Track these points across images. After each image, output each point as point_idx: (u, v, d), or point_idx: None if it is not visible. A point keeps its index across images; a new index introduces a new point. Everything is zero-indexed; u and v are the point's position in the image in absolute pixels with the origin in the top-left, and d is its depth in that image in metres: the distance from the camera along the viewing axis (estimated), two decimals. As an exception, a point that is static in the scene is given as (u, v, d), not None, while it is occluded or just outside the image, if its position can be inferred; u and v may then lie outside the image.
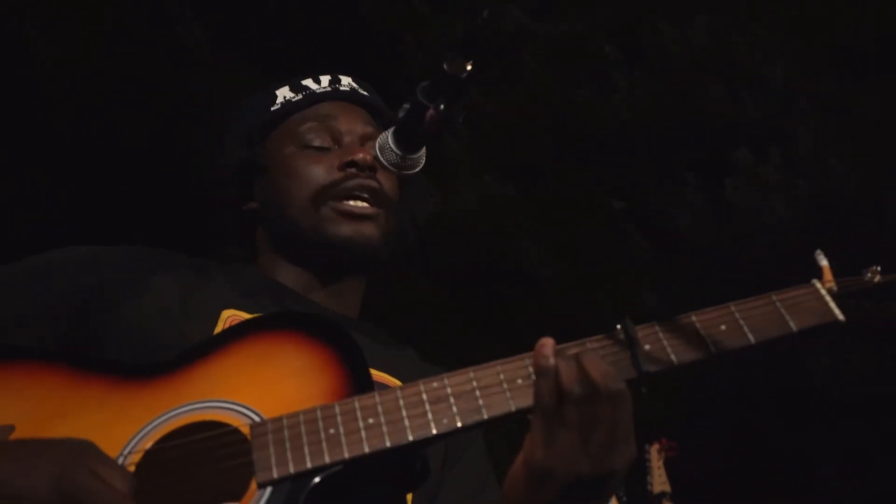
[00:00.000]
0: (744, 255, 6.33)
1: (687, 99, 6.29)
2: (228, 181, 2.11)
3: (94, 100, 5.77)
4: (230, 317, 1.83)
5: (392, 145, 1.78)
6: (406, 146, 1.77)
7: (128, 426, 1.52)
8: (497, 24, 1.59)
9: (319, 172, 2.01)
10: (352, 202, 1.98)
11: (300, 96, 2.10)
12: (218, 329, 1.80)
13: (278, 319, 1.70)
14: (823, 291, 1.50)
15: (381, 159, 1.79)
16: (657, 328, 1.50)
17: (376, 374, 1.87)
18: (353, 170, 1.98)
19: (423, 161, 1.83)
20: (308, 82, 2.14)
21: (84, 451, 1.39)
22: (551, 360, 1.43)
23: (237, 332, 1.67)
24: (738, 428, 6.03)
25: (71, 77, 5.73)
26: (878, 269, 1.52)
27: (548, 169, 6.68)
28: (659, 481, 4.56)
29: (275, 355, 1.60)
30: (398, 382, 1.91)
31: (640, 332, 1.49)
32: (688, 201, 6.32)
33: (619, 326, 1.51)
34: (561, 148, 6.67)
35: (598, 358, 1.44)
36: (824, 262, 1.55)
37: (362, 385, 1.55)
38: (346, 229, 1.96)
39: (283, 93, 2.12)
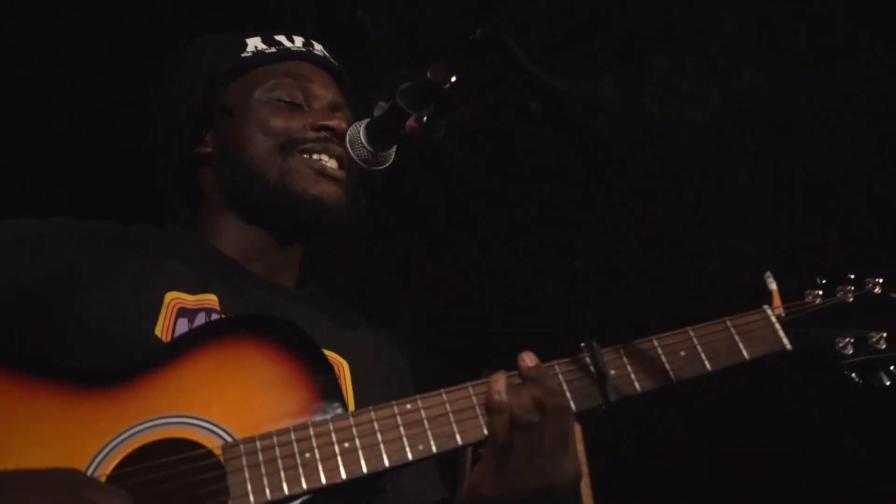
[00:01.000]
0: (659, 161, 6.43)
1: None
2: (182, 118, 2.02)
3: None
4: (174, 300, 1.80)
5: (364, 141, 1.77)
6: (378, 144, 1.76)
7: (90, 442, 1.47)
8: (488, 46, 1.57)
9: (291, 125, 1.96)
10: (325, 158, 1.94)
11: (273, 49, 2.04)
12: (162, 314, 1.77)
13: (240, 324, 1.68)
14: (773, 319, 1.58)
15: (351, 153, 1.77)
16: (622, 353, 1.55)
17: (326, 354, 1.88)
18: (326, 133, 1.94)
19: (392, 159, 1.82)
20: (281, 38, 2.08)
21: (78, 484, 1.35)
22: (504, 397, 1.48)
23: (198, 337, 1.65)
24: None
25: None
26: (819, 292, 1.60)
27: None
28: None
29: (240, 366, 1.58)
30: (340, 358, 1.92)
31: (606, 356, 1.55)
32: (604, 105, 6.34)
33: (583, 345, 1.56)
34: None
35: (544, 380, 1.50)
36: (773, 287, 1.62)
37: (331, 397, 1.56)
38: (315, 188, 1.93)
39: (255, 42, 2.05)
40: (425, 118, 1.66)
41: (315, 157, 1.94)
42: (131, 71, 5.79)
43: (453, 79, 1.64)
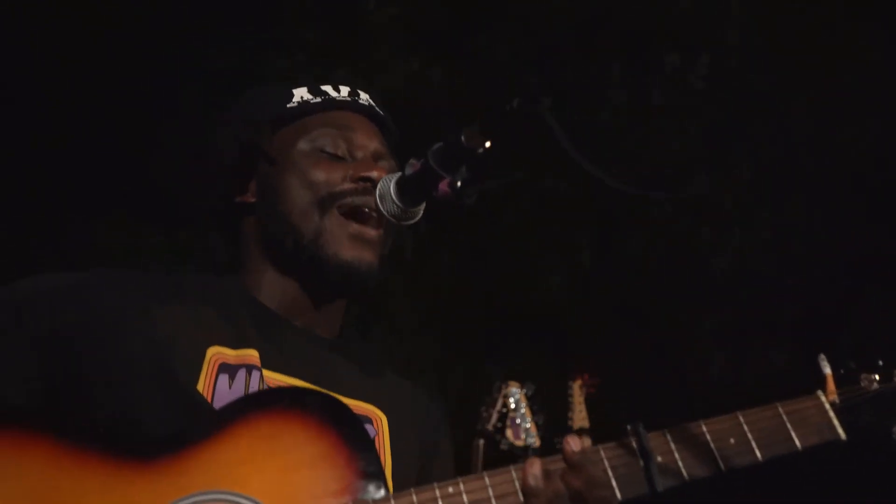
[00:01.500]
0: (659, 156, 6.38)
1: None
2: (227, 165, 1.97)
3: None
4: (215, 355, 1.75)
5: (394, 196, 1.73)
6: (408, 200, 1.72)
7: None
8: (524, 116, 1.50)
9: (331, 178, 1.91)
10: (362, 225, 1.89)
11: (319, 99, 1.98)
12: (204, 371, 1.72)
13: (283, 397, 1.63)
14: (827, 406, 1.52)
15: (381, 207, 1.73)
16: (668, 437, 1.50)
17: (357, 405, 1.84)
18: (367, 185, 1.88)
19: (421, 213, 1.77)
20: (327, 88, 2.02)
21: None
22: (539, 482, 1.49)
23: (240, 410, 1.60)
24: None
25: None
26: (876, 376, 1.55)
27: (477, 55, 6.50)
28: (579, 417, 4.62)
29: (280, 441, 1.55)
30: (379, 412, 1.89)
31: (652, 440, 1.50)
32: (611, 99, 6.28)
33: (628, 427, 1.51)
34: (490, 33, 6.49)
35: (587, 467, 1.47)
36: (827, 370, 1.56)
37: (372, 477, 1.52)
38: (348, 253, 1.87)
39: (301, 93, 1.99)
40: (458, 183, 1.60)
41: (353, 223, 1.88)
42: (131, 71, 5.72)
43: (487, 144, 1.58)
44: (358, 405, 1.84)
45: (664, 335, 6.22)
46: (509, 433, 4.49)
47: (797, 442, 1.50)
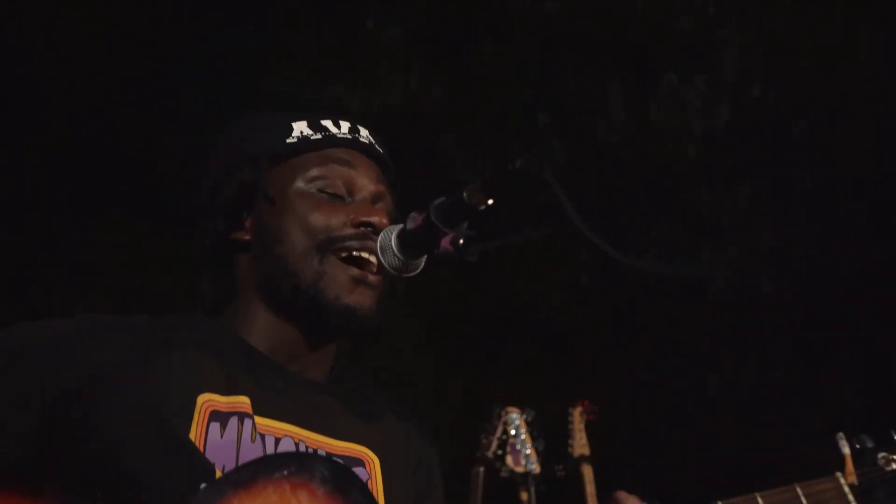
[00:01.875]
0: (661, 171, 6.36)
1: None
2: (222, 201, 1.92)
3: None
4: (206, 402, 1.70)
5: (395, 250, 1.70)
6: (409, 254, 1.70)
7: None
8: (526, 175, 1.49)
9: (331, 222, 1.85)
10: (363, 270, 1.85)
11: (319, 136, 1.91)
12: (195, 418, 1.67)
13: (288, 464, 1.59)
14: (847, 488, 1.49)
15: (382, 260, 1.70)
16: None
17: (349, 447, 1.81)
18: (367, 230, 1.84)
19: (422, 266, 1.74)
20: (328, 123, 1.94)
21: None
22: None
23: (243, 478, 1.56)
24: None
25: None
26: (893, 457, 1.52)
27: (477, 72, 6.48)
28: (580, 444, 4.56)
29: None
30: (372, 454, 1.85)
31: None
32: (612, 116, 6.25)
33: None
34: (491, 50, 6.47)
35: None
36: (846, 450, 1.53)
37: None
38: (349, 297, 1.82)
39: (301, 127, 1.92)
40: (461, 241, 1.58)
41: (355, 253, 1.84)
42: (130, 71, 5.68)
43: (490, 202, 1.56)
44: (349, 448, 1.81)
45: (663, 353, 6.20)
46: (509, 460, 4.46)
47: (815, 525, 1.46)
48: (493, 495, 4.31)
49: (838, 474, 1.51)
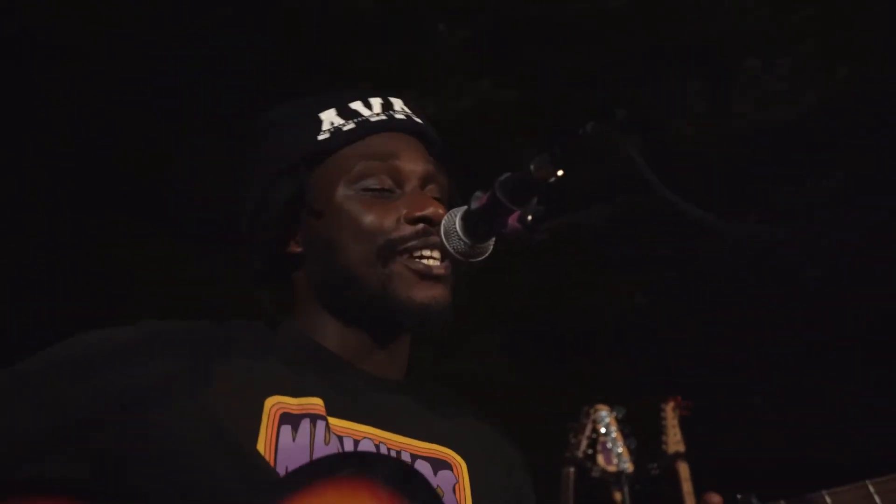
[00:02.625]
0: (742, 165, 6.12)
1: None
2: (269, 217, 1.81)
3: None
4: (275, 405, 1.59)
5: (461, 233, 1.55)
6: (476, 236, 1.55)
7: None
8: (597, 142, 1.34)
9: (385, 224, 1.71)
10: (426, 260, 1.71)
11: (352, 125, 1.76)
12: (264, 424, 1.56)
13: (347, 464, 1.47)
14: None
15: (448, 246, 1.55)
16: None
17: (433, 449, 1.68)
18: (423, 225, 1.71)
19: (490, 249, 1.60)
20: (358, 106, 1.79)
21: None
22: None
23: (302, 479, 1.44)
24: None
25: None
26: None
27: (548, 74, 6.35)
28: (673, 441, 4.36)
29: None
30: (458, 458, 1.72)
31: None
32: (691, 110, 6.04)
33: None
34: (560, 51, 6.33)
35: None
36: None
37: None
38: (421, 293, 1.68)
39: (330, 118, 1.78)
40: (529, 218, 1.44)
41: (416, 253, 1.71)
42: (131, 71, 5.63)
43: (559, 174, 1.41)
44: (434, 449, 1.68)
45: (753, 354, 5.94)
46: (601, 459, 4.30)
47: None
48: (584, 496, 4.16)
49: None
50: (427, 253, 1.66)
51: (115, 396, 1.54)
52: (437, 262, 1.69)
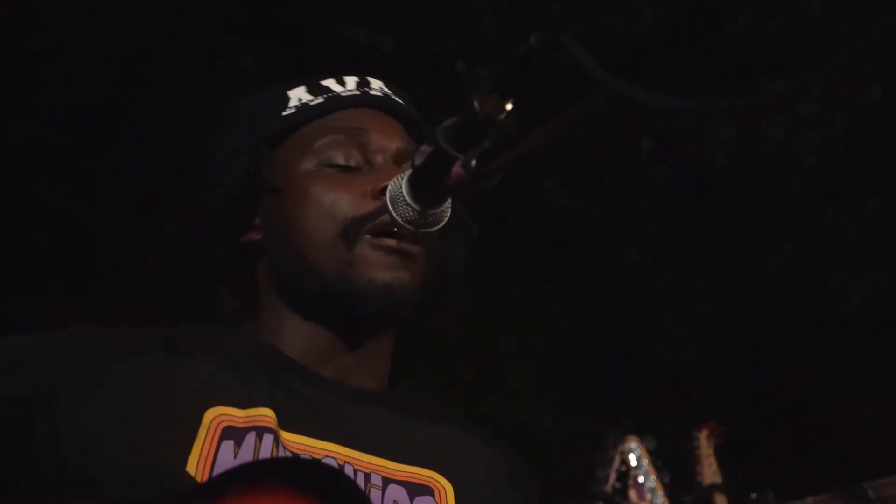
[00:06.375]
0: (776, 192, 5.83)
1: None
2: (224, 201, 1.58)
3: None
4: (217, 417, 1.35)
5: (407, 198, 1.31)
6: (426, 200, 1.31)
7: None
8: (549, 58, 1.10)
9: (348, 200, 1.46)
10: (399, 240, 1.47)
11: (321, 99, 1.56)
12: (200, 438, 1.32)
13: (268, 472, 1.22)
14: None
15: (394, 214, 1.32)
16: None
17: (412, 472, 1.44)
18: None
19: (448, 215, 1.36)
20: (330, 83, 1.59)
21: None
22: None
23: (214, 492, 1.20)
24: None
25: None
26: None
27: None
28: (709, 471, 3.99)
29: None
30: (442, 481, 1.46)
31: None
32: (721, 138, 5.79)
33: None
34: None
35: None
36: None
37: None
38: (383, 274, 1.42)
39: (299, 94, 1.57)
40: (473, 162, 1.20)
41: (382, 238, 1.46)
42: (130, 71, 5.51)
43: (508, 107, 1.16)
44: (413, 472, 1.44)
45: (796, 385, 5.57)
46: (632, 495, 3.93)
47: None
48: (612, 533, 3.82)
49: None
50: (396, 230, 1.43)
51: (18, 397, 1.34)
52: (409, 241, 1.46)
